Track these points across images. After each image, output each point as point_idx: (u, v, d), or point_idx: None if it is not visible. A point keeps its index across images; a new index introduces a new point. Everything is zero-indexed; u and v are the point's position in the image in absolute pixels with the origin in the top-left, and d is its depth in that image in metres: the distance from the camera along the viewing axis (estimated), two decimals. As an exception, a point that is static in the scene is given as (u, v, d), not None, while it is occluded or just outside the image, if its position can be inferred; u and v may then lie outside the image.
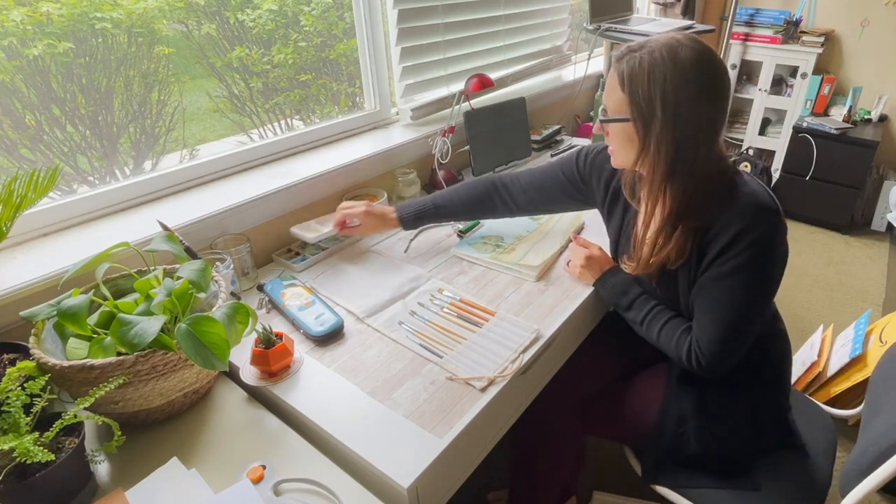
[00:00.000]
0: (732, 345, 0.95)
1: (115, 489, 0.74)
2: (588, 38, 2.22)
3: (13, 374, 0.72)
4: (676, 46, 0.87)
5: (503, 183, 1.26)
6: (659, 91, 0.86)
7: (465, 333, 1.01)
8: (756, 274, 0.92)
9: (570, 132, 2.36)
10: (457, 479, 0.87)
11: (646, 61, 0.87)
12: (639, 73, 0.87)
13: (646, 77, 0.87)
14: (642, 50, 0.88)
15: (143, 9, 1.20)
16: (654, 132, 0.89)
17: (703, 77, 0.86)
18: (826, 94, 3.05)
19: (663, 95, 0.86)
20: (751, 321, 0.95)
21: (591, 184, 1.18)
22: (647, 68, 0.87)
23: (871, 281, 2.58)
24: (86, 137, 1.19)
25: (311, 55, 1.57)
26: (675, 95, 0.86)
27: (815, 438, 1.14)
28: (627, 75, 0.89)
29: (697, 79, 0.86)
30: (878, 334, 1.72)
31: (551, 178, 1.22)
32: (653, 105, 0.87)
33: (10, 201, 0.83)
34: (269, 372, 0.91)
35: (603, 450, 1.64)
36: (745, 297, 0.93)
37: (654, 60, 0.86)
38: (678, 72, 0.85)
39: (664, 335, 1.02)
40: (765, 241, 0.90)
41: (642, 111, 0.88)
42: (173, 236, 0.93)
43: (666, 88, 0.86)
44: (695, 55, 0.86)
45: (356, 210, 1.22)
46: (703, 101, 0.87)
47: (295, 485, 0.74)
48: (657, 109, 0.87)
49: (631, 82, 0.88)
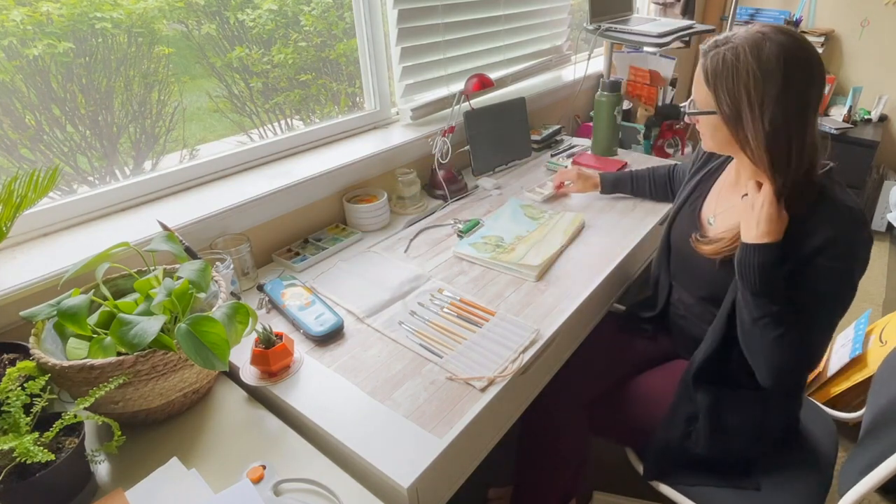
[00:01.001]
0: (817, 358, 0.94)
1: (115, 489, 0.74)
2: (588, 38, 2.22)
3: (13, 374, 0.72)
4: (761, 41, 0.86)
5: (676, 172, 1.45)
6: (743, 89, 0.87)
7: (465, 333, 1.01)
8: (849, 282, 0.90)
9: (570, 132, 2.36)
10: (457, 479, 0.87)
11: (729, 58, 0.88)
12: (722, 70, 0.88)
13: (730, 75, 0.88)
14: (727, 45, 0.89)
15: (143, 9, 1.20)
16: (744, 128, 0.89)
17: (789, 70, 0.86)
18: (826, 94, 3.05)
19: (748, 93, 0.87)
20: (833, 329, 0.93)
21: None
22: (731, 65, 0.87)
23: (871, 281, 2.58)
24: (86, 137, 1.19)
25: (311, 55, 1.56)
26: (759, 94, 0.86)
27: (817, 439, 1.14)
28: (711, 71, 0.90)
29: (783, 74, 0.85)
30: (878, 334, 1.72)
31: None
32: (738, 103, 0.88)
33: (10, 201, 0.83)
34: (269, 372, 0.91)
35: (603, 450, 1.64)
36: (842, 303, 0.91)
37: (738, 57, 0.87)
38: (762, 69, 0.85)
39: (787, 342, 0.90)
40: (859, 251, 0.90)
41: (728, 107, 0.90)
42: (173, 236, 0.93)
43: (749, 86, 0.86)
44: (779, 49, 0.86)
45: (570, 174, 1.53)
46: (792, 94, 0.87)
47: (295, 485, 0.74)
48: (743, 107, 0.88)
49: (715, 79, 0.90)
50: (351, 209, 1.40)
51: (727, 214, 1.05)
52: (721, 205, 1.08)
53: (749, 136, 0.90)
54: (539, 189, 1.59)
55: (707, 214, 1.11)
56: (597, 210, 1.49)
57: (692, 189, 1.17)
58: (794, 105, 0.87)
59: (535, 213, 1.45)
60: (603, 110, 1.80)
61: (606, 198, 1.55)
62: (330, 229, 1.40)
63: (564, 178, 1.53)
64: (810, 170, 0.92)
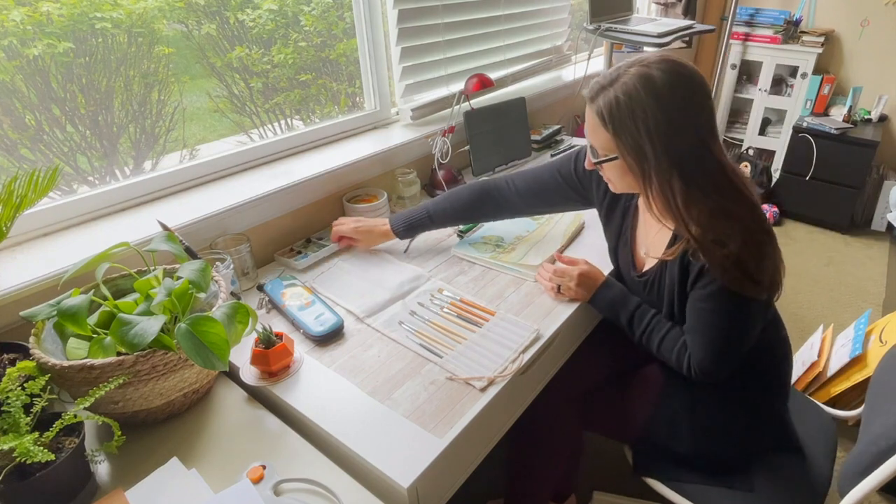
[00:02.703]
0: (725, 359, 0.97)
1: (115, 489, 0.74)
2: (588, 38, 2.22)
3: (13, 374, 0.72)
4: (646, 73, 0.85)
5: (497, 187, 1.25)
6: (643, 127, 0.85)
7: (465, 333, 1.01)
8: (735, 297, 0.91)
9: (570, 132, 2.36)
10: (457, 479, 0.87)
11: (622, 98, 0.85)
12: (617, 111, 0.86)
13: (627, 114, 0.86)
14: (615, 85, 0.87)
15: (143, 9, 1.20)
16: (652, 166, 0.87)
17: (682, 92, 0.85)
18: (826, 94, 3.05)
19: (648, 130, 0.85)
20: (740, 338, 0.96)
21: (591, 186, 1.18)
22: (625, 105, 0.85)
23: (871, 281, 2.58)
24: (86, 137, 1.19)
25: (311, 55, 1.56)
26: (658, 127, 0.85)
27: (816, 439, 1.14)
28: (608, 114, 0.88)
29: (676, 99, 0.85)
30: (878, 334, 1.72)
31: (548, 180, 1.22)
32: (641, 142, 0.86)
33: (10, 201, 0.83)
34: (269, 372, 0.91)
35: (603, 450, 1.64)
36: (731, 318, 0.94)
37: (631, 96, 0.85)
38: (658, 101, 0.84)
39: (664, 348, 1.03)
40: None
41: (632, 149, 0.88)
42: (173, 236, 0.93)
43: (649, 123, 0.85)
44: (667, 76, 0.85)
45: (345, 228, 1.26)
46: (691, 115, 0.86)
47: (295, 485, 0.74)
48: (646, 146, 0.86)
49: (612, 121, 0.88)
50: (351, 209, 1.40)
51: (656, 243, 1.05)
52: (649, 235, 1.08)
53: (658, 176, 0.87)
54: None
55: (640, 248, 1.11)
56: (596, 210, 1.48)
57: (619, 225, 1.14)
58: (693, 126, 0.86)
59: (535, 213, 1.45)
60: (603, 110, 1.80)
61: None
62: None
63: (340, 234, 1.27)
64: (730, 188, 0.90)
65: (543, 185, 1.22)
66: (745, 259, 0.87)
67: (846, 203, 2.92)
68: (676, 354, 1.01)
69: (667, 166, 0.87)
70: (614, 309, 1.09)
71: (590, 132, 0.94)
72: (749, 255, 0.87)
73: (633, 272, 1.10)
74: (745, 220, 0.88)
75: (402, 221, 1.25)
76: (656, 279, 1.03)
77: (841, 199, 2.92)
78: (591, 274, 1.11)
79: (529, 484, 1.23)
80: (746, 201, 0.91)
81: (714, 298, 0.92)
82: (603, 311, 1.11)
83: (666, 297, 1.02)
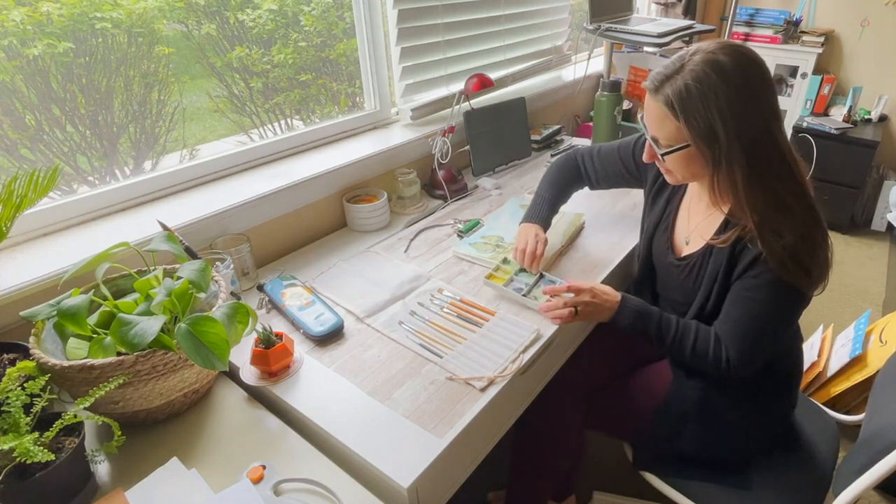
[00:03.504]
0: (761, 350, 0.97)
1: (115, 489, 0.74)
2: (588, 38, 2.22)
3: (13, 374, 0.72)
4: (713, 58, 0.86)
5: (583, 157, 1.34)
6: (715, 108, 0.85)
7: (465, 333, 1.01)
8: (786, 289, 0.91)
9: (570, 132, 2.36)
10: (457, 479, 0.87)
11: (692, 84, 0.85)
12: (688, 97, 0.86)
13: (698, 98, 0.85)
14: (682, 73, 0.87)
15: (143, 9, 1.20)
16: (723, 149, 0.87)
17: (750, 74, 0.86)
18: (826, 94, 3.05)
19: (721, 111, 0.85)
20: (778, 331, 0.97)
21: (646, 173, 1.21)
22: (697, 90, 0.85)
23: (871, 281, 2.58)
24: (86, 137, 1.19)
25: (311, 55, 1.56)
26: (732, 108, 0.85)
27: (818, 440, 1.14)
28: (678, 102, 0.87)
29: (746, 80, 0.85)
30: (878, 334, 1.72)
31: (613, 158, 1.28)
32: (714, 125, 0.86)
33: (10, 201, 0.83)
34: (269, 372, 0.91)
35: (603, 450, 1.64)
36: (776, 309, 0.94)
37: (701, 80, 0.85)
38: (728, 84, 0.84)
39: (699, 346, 1.00)
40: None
41: (704, 133, 0.87)
42: (173, 236, 0.93)
43: (721, 105, 0.85)
44: (733, 59, 0.85)
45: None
46: (761, 98, 0.87)
47: (295, 485, 0.74)
48: (718, 128, 0.86)
49: (683, 109, 0.87)
50: (351, 209, 1.40)
51: (700, 231, 1.05)
52: (693, 223, 1.08)
53: (728, 162, 0.87)
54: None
55: (681, 234, 1.11)
56: (597, 210, 1.49)
57: (662, 210, 1.15)
58: (761, 110, 0.87)
59: (535, 213, 1.45)
60: (603, 110, 1.80)
61: (606, 198, 1.55)
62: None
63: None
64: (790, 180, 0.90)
65: (610, 161, 1.29)
66: (801, 252, 0.88)
67: (846, 203, 2.92)
68: (714, 349, 0.98)
69: (737, 149, 0.86)
70: (642, 318, 1.03)
71: (655, 124, 0.93)
72: (805, 248, 0.88)
73: (672, 256, 1.10)
74: (802, 215, 0.89)
75: (534, 216, 1.25)
76: (698, 264, 1.03)
77: (841, 200, 2.92)
78: (601, 287, 1.06)
79: (531, 483, 1.23)
80: (806, 196, 0.91)
81: (764, 289, 0.92)
82: (629, 321, 1.04)
83: (705, 283, 1.02)
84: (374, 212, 1.39)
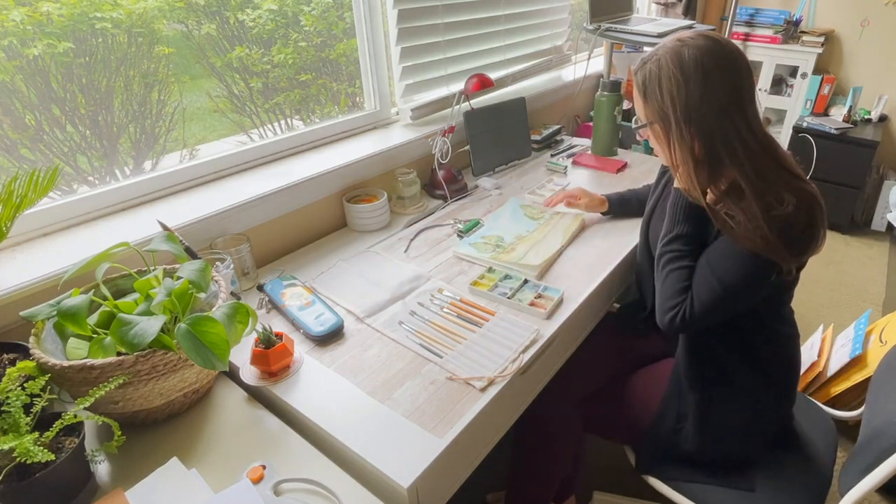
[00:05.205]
0: (717, 311, 0.97)
1: (115, 489, 0.74)
2: (588, 38, 2.22)
3: (13, 374, 0.72)
4: (680, 49, 0.94)
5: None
6: (667, 94, 0.94)
7: (465, 333, 1.01)
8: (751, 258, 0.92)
9: (570, 132, 2.36)
10: (457, 479, 0.87)
11: (654, 70, 0.96)
12: (649, 81, 0.97)
13: (656, 84, 0.96)
14: (652, 60, 0.97)
15: (143, 9, 1.20)
16: (674, 131, 0.95)
17: (708, 67, 0.91)
18: (826, 94, 3.05)
19: (671, 97, 0.94)
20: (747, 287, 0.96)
21: None
22: (656, 75, 0.96)
23: (871, 281, 2.58)
24: (86, 137, 1.19)
25: (311, 55, 1.57)
26: (679, 91, 0.93)
27: (816, 439, 1.14)
28: (642, 84, 0.99)
29: (701, 72, 0.91)
30: (878, 334, 1.72)
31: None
32: (665, 108, 0.95)
33: (10, 201, 0.83)
34: (269, 372, 0.91)
35: (603, 450, 1.64)
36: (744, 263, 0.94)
37: (661, 67, 0.95)
38: (682, 73, 0.93)
39: (672, 277, 1.02)
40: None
41: (660, 116, 0.97)
42: (173, 236, 0.93)
43: (672, 90, 0.93)
44: (698, 52, 0.92)
45: (576, 193, 1.44)
46: (716, 86, 0.91)
47: (295, 485, 0.75)
48: (669, 111, 0.94)
49: (646, 91, 0.98)
50: (351, 209, 1.40)
51: None
52: None
53: (679, 140, 0.95)
54: (539, 191, 1.60)
55: None
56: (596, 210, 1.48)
57: (658, 195, 1.20)
58: (717, 97, 0.91)
59: (535, 213, 1.45)
60: (603, 110, 1.80)
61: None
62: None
63: (570, 199, 1.44)
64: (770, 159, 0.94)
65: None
66: (758, 232, 0.90)
67: (846, 203, 2.92)
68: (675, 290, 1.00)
69: (687, 133, 0.94)
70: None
71: (635, 102, 1.05)
72: (763, 231, 0.90)
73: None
74: (756, 199, 0.91)
75: (615, 200, 1.43)
76: None
77: (841, 199, 2.92)
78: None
79: (531, 486, 1.23)
80: (764, 179, 0.92)
81: (731, 255, 0.95)
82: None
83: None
84: (374, 212, 1.39)
